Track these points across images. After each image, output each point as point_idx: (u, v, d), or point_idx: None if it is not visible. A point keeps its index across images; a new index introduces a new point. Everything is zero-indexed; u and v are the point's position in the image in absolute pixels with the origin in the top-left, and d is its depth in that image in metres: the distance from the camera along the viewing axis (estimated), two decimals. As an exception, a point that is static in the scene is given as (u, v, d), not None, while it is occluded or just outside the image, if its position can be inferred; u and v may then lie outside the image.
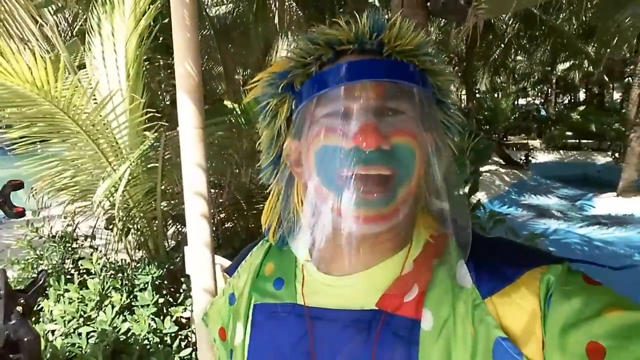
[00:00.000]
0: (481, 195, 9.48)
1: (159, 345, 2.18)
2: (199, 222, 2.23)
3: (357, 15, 0.56)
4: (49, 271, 2.57)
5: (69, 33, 4.85)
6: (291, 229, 0.63)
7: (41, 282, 0.88)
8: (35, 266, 2.62)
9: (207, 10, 7.37)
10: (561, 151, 14.63)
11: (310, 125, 0.56)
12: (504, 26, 12.24)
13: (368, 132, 0.50)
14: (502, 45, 13.21)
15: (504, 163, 12.48)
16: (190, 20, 2.08)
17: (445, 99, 0.60)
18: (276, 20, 7.02)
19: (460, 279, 0.53)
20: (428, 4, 3.05)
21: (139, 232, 3.00)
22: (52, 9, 3.55)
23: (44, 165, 2.78)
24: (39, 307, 2.31)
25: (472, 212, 3.29)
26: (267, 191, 0.67)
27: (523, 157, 12.72)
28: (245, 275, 0.68)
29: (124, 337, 2.08)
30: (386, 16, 0.57)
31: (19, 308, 0.79)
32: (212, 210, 3.73)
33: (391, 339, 0.53)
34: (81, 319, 2.13)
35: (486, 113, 15.76)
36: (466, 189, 3.41)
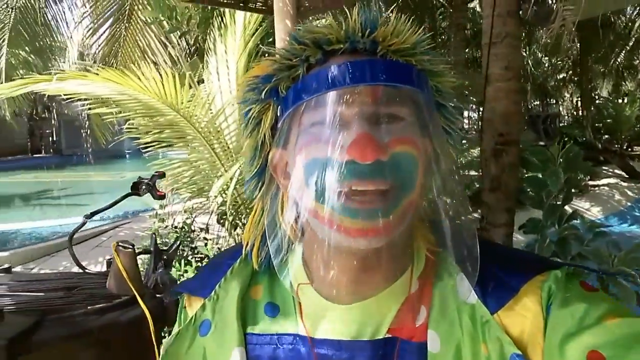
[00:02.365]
0: (596, 211, 8.63)
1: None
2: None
3: (348, 12, 0.51)
4: (171, 254, 3.05)
5: (191, 53, 5.58)
6: (278, 248, 0.54)
7: (177, 244, 1.18)
8: (160, 250, 3.13)
9: None
10: (702, 164, 12.69)
11: (298, 134, 0.51)
12: (630, 24, 11.08)
13: (364, 143, 0.45)
14: (628, 47, 11.95)
15: (626, 176, 11.23)
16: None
17: (446, 103, 0.56)
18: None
19: (463, 295, 0.51)
20: (520, 12, 2.99)
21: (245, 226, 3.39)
22: (177, 33, 4.16)
23: (169, 165, 3.29)
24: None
25: (567, 222, 3.17)
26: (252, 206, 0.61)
27: (651, 170, 11.31)
28: (228, 297, 0.58)
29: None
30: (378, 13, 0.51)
31: (162, 262, 1.09)
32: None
33: None
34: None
35: (607, 121, 14.29)
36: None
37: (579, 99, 13.98)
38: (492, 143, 2.58)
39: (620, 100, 15.50)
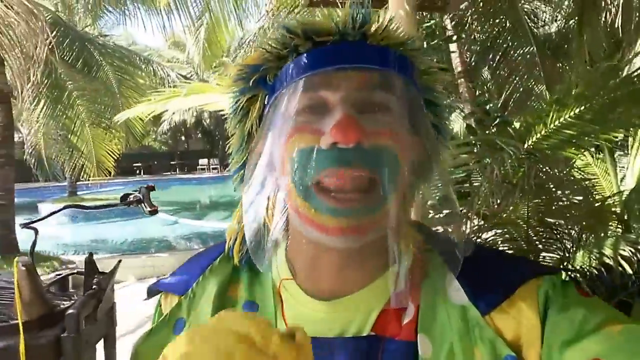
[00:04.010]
0: None
1: None
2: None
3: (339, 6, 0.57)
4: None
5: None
6: (261, 243, 0.52)
7: (115, 269, 1.01)
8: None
9: (535, 30, 6.86)
10: None
11: (281, 122, 0.50)
12: None
13: (347, 125, 0.45)
14: None
15: None
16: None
17: (436, 100, 0.55)
18: (618, 22, 5.76)
19: (454, 296, 0.50)
20: None
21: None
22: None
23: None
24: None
25: None
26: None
27: None
28: (204, 296, 0.56)
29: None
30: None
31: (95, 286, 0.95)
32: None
33: None
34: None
35: None
36: None
37: None
38: None
39: None
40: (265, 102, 0.54)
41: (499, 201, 2.49)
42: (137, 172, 23.65)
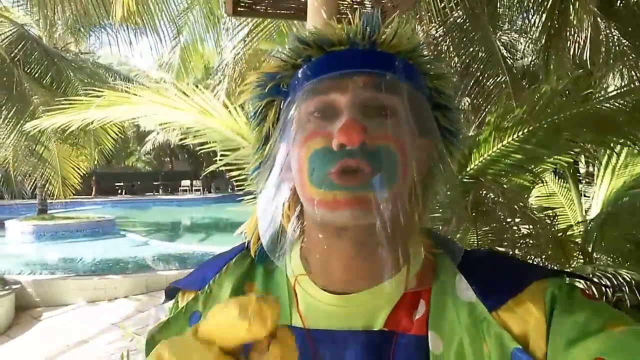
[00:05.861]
0: None
1: None
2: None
3: (350, 16, 0.55)
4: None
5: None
6: (278, 239, 0.57)
7: None
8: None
9: (509, 60, 6.90)
10: None
11: (294, 125, 0.54)
12: None
13: (351, 127, 0.48)
14: None
15: None
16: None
17: (447, 103, 0.58)
18: (587, 54, 5.77)
19: (462, 294, 0.52)
20: None
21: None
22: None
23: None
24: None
25: None
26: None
27: None
28: (221, 293, 0.59)
29: None
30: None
31: None
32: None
33: None
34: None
35: None
36: None
37: None
38: None
39: None
40: (281, 107, 0.58)
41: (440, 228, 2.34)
42: (119, 192, 23.27)
